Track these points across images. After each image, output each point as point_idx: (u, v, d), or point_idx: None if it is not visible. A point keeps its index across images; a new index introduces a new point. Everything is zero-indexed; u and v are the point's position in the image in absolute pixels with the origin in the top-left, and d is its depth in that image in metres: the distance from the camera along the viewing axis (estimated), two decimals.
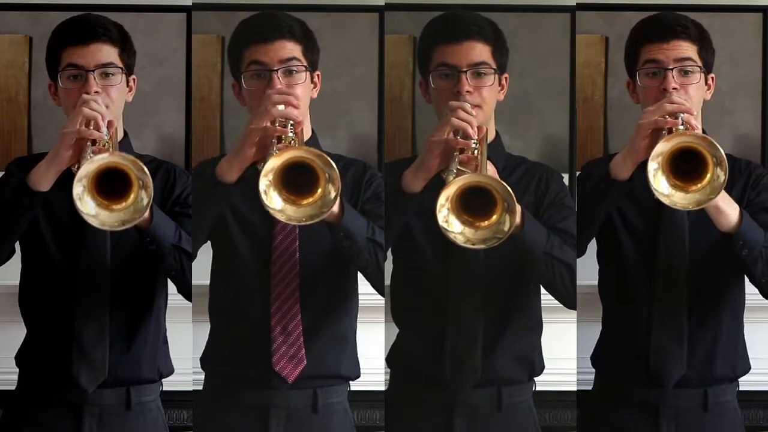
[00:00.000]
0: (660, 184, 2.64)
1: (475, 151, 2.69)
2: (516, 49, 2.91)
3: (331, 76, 2.91)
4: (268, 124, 2.68)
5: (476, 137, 2.70)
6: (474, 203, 2.64)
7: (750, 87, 4.18)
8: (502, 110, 2.90)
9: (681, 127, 2.68)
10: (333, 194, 2.61)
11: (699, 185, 2.64)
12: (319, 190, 2.63)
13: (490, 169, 2.71)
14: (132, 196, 2.65)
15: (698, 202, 2.64)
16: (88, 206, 2.64)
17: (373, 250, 2.77)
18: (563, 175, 2.99)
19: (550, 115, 4.05)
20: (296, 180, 2.63)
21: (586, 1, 3.91)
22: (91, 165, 2.62)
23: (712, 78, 2.87)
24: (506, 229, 2.63)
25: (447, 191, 2.62)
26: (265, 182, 2.61)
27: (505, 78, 2.87)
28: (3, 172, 2.92)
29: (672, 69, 2.81)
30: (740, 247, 2.73)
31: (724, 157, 2.61)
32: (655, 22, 2.88)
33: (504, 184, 2.62)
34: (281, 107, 2.70)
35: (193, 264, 2.84)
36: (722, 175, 2.61)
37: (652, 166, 2.62)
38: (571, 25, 3.98)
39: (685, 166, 2.65)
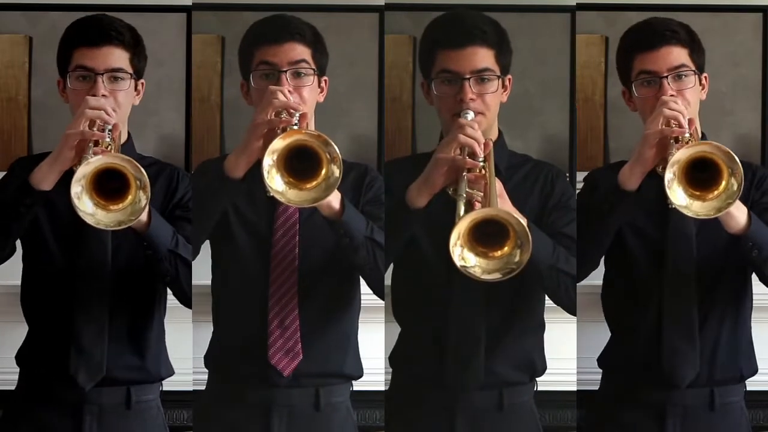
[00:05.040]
0: (677, 196, 2.63)
1: (483, 169, 2.67)
2: (516, 49, 2.91)
3: (331, 77, 2.90)
4: (273, 116, 2.68)
5: (483, 154, 2.69)
6: (487, 231, 2.61)
7: (750, 87, 4.18)
8: (501, 110, 2.89)
9: (687, 135, 2.68)
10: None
11: (715, 192, 2.64)
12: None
13: (498, 186, 2.68)
14: (130, 197, 2.66)
15: (717, 209, 2.63)
16: (85, 205, 2.65)
17: (371, 248, 2.77)
18: None
19: (550, 115, 4.05)
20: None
21: (586, 1, 3.91)
22: (87, 167, 2.63)
23: (705, 77, 2.87)
24: (516, 260, 2.60)
25: (458, 229, 2.58)
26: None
27: (509, 80, 2.86)
28: (4, 172, 2.93)
29: (666, 76, 2.80)
30: (750, 248, 2.72)
31: (740, 167, 2.61)
32: (643, 30, 2.86)
33: (519, 218, 2.57)
34: (282, 98, 2.70)
35: (192, 264, 2.84)
36: (735, 183, 2.62)
37: (668, 176, 2.62)
38: (571, 25, 3.98)
39: (699, 175, 2.64)
